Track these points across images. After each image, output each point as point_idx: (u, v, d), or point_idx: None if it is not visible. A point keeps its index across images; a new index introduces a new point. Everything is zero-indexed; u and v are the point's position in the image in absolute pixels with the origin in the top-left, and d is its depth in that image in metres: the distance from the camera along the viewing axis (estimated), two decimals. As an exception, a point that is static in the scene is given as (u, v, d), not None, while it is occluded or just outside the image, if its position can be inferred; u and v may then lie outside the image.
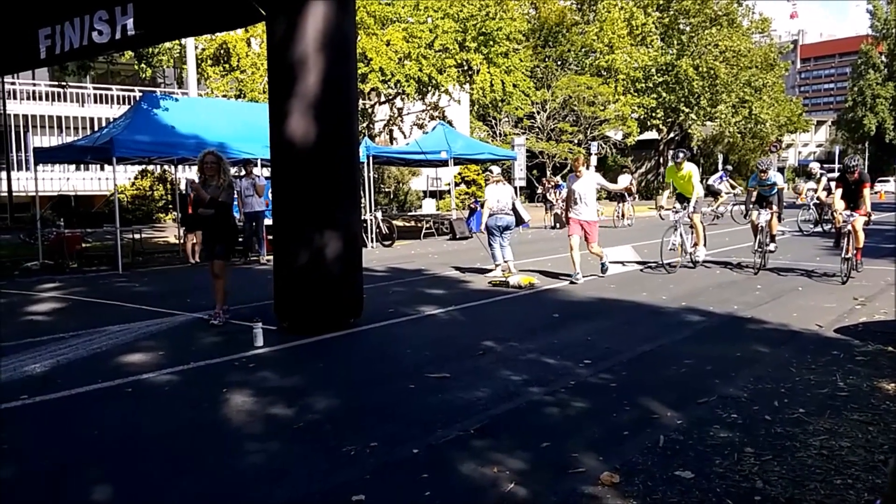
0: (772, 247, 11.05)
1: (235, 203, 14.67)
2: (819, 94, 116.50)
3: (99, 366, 5.86)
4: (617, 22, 38.82)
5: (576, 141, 34.68)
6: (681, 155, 11.52)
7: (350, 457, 3.84)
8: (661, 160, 46.73)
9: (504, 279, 10.07)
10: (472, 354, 6.07)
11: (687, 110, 41.13)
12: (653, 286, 9.57)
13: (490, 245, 10.96)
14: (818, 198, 18.12)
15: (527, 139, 32.59)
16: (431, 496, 3.37)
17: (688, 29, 42.01)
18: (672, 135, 46.67)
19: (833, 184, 17.75)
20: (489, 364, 5.75)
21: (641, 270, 11.11)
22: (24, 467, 3.83)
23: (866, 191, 9.64)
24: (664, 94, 41.13)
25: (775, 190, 11.04)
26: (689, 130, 44.23)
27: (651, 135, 46.06)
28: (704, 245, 11.53)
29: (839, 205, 9.73)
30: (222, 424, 4.44)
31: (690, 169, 11.24)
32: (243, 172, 13.93)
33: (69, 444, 4.18)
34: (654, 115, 42.12)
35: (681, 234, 11.05)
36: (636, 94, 39.87)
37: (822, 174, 18.56)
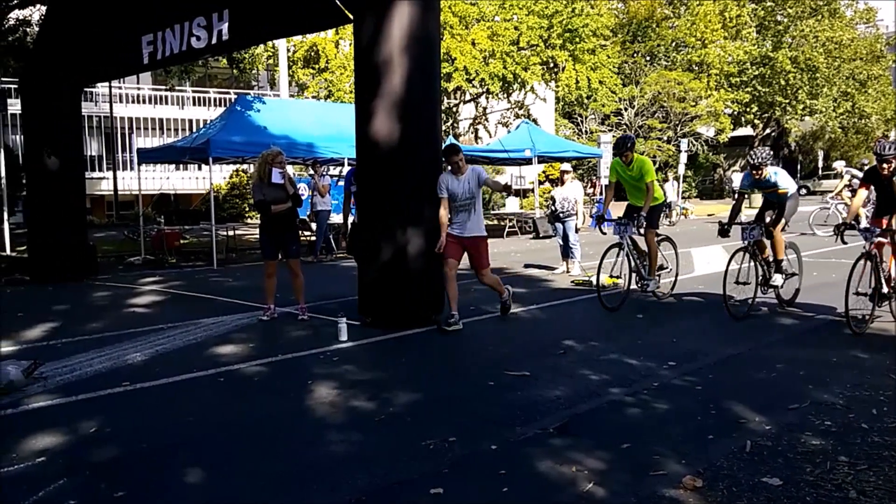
0: (778, 279, 7.53)
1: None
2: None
3: (194, 356, 6.15)
4: (710, 15, 37.55)
5: (665, 138, 33.78)
6: (628, 143, 8.11)
7: (429, 450, 3.90)
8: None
9: (587, 278, 9.94)
10: (552, 353, 6.03)
11: (784, 101, 39.27)
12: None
13: (575, 244, 10.83)
14: (839, 195, 16.89)
15: (613, 136, 32.00)
16: (508, 492, 3.38)
17: (785, 20, 40.15)
18: (768, 131, 44.74)
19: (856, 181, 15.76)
20: (569, 363, 5.71)
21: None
22: (126, 449, 4.07)
23: None
24: (759, 88, 39.46)
25: (776, 195, 7.45)
26: (786, 125, 42.28)
27: (745, 131, 44.31)
28: (658, 273, 8.53)
29: (859, 211, 7.03)
30: (307, 414, 4.59)
31: (642, 163, 8.18)
32: (312, 172, 14.39)
33: (166, 429, 4.41)
34: (748, 110, 40.50)
35: (627, 256, 8.13)
36: (730, 88, 38.44)
37: (846, 171, 17.30)
